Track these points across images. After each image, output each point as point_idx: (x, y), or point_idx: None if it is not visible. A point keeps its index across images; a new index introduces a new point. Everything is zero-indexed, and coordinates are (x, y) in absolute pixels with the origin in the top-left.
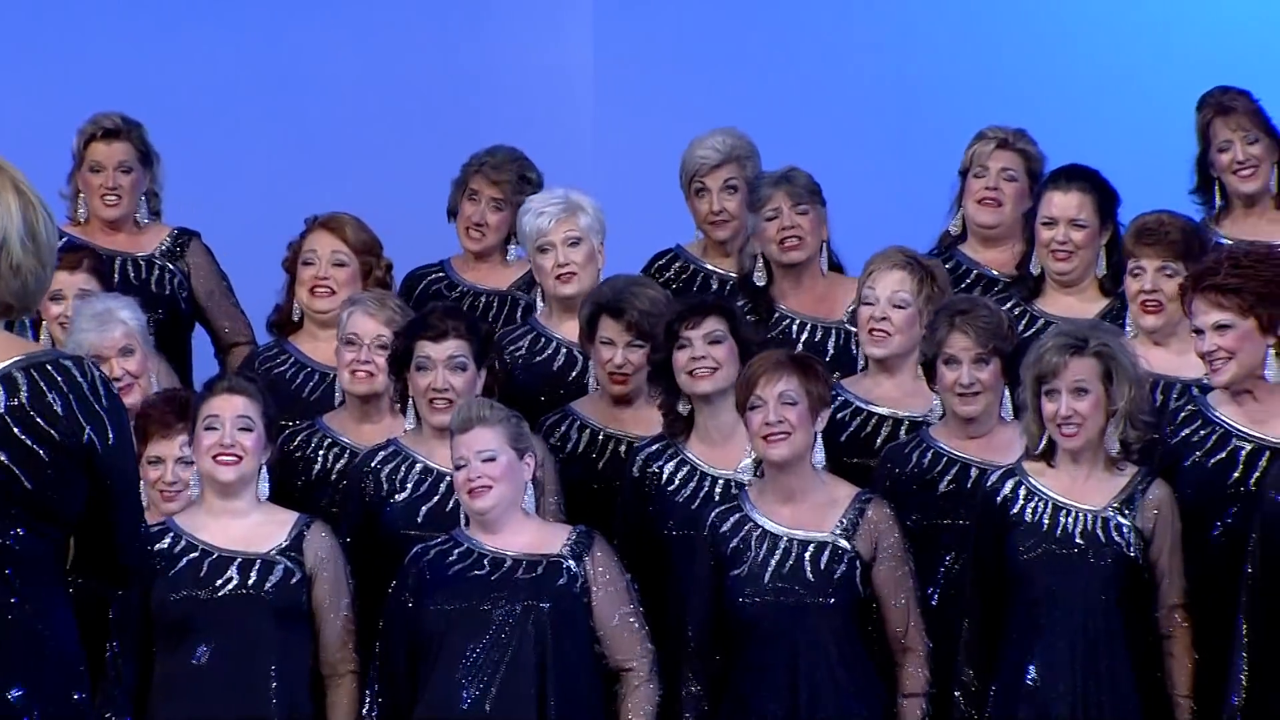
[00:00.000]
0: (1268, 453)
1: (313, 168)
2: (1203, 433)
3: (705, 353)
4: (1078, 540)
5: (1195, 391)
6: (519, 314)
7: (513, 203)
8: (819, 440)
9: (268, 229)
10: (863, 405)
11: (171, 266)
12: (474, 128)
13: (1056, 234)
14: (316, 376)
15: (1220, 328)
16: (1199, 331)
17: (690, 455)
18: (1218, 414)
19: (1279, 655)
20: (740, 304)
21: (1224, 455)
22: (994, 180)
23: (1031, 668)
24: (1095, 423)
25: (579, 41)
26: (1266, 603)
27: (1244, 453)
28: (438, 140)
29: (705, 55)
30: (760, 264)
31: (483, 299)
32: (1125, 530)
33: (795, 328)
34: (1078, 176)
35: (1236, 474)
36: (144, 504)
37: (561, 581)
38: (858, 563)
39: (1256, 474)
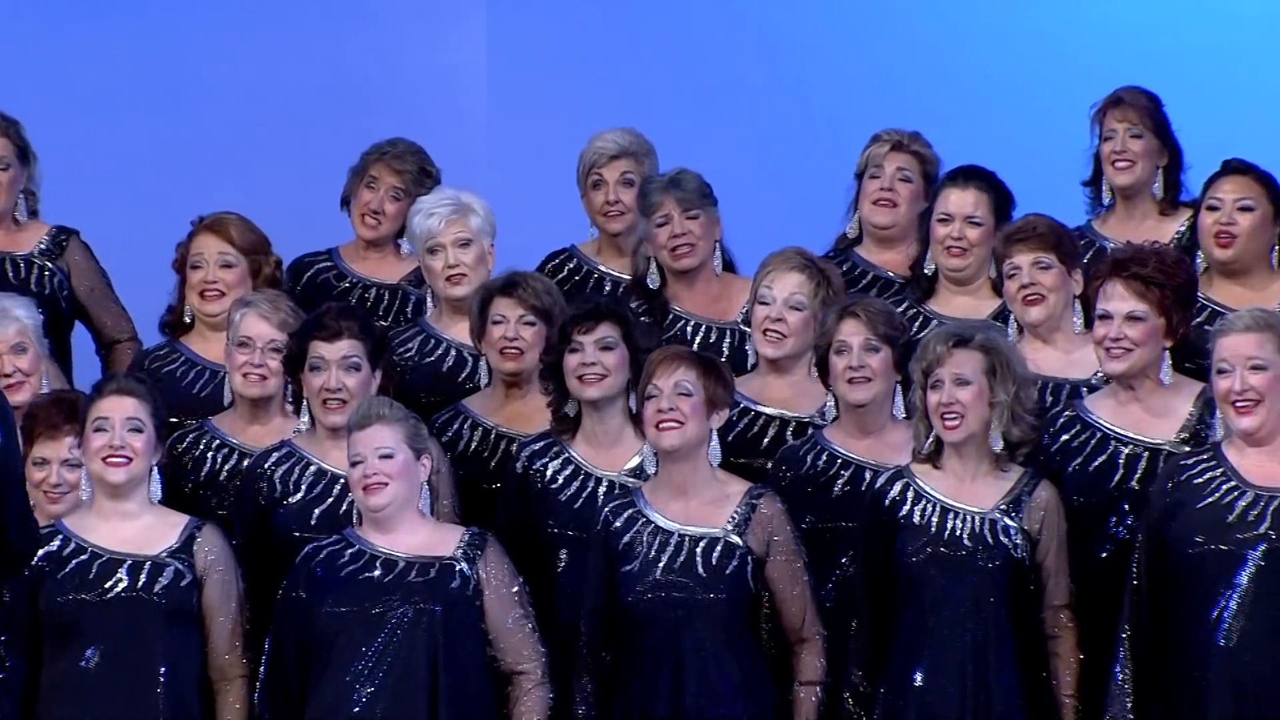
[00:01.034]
0: (1147, 454)
1: (203, 166)
2: (1082, 438)
3: (596, 359)
4: (965, 542)
5: (1080, 395)
6: (409, 309)
7: (412, 194)
8: (714, 437)
9: (158, 227)
10: (751, 405)
11: (51, 265)
12: (367, 127)
13: (952, 230)
14: (208, 375)
15: (1133, 318)
16: (1106, 316)
17: (575, 455)
18: (1096, 418)
19: (1159, 665)
20: (635, 305)
21: (1104, 459)
22: (889, 181)
23: (919, 669)
24: (977, 414)
25: (472, 41)
26: (1150, 608)
27: (1124, 455)
28: (330, 139)
29: (599, 55)
30: (654, 266)
31: (372, 291)
32: (1012, 532)
33: (690, 329)
34: (975, 175)
35: (1118, 477)
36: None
37: (454, 584)
38: (749, 558)
39: (1138, 475)
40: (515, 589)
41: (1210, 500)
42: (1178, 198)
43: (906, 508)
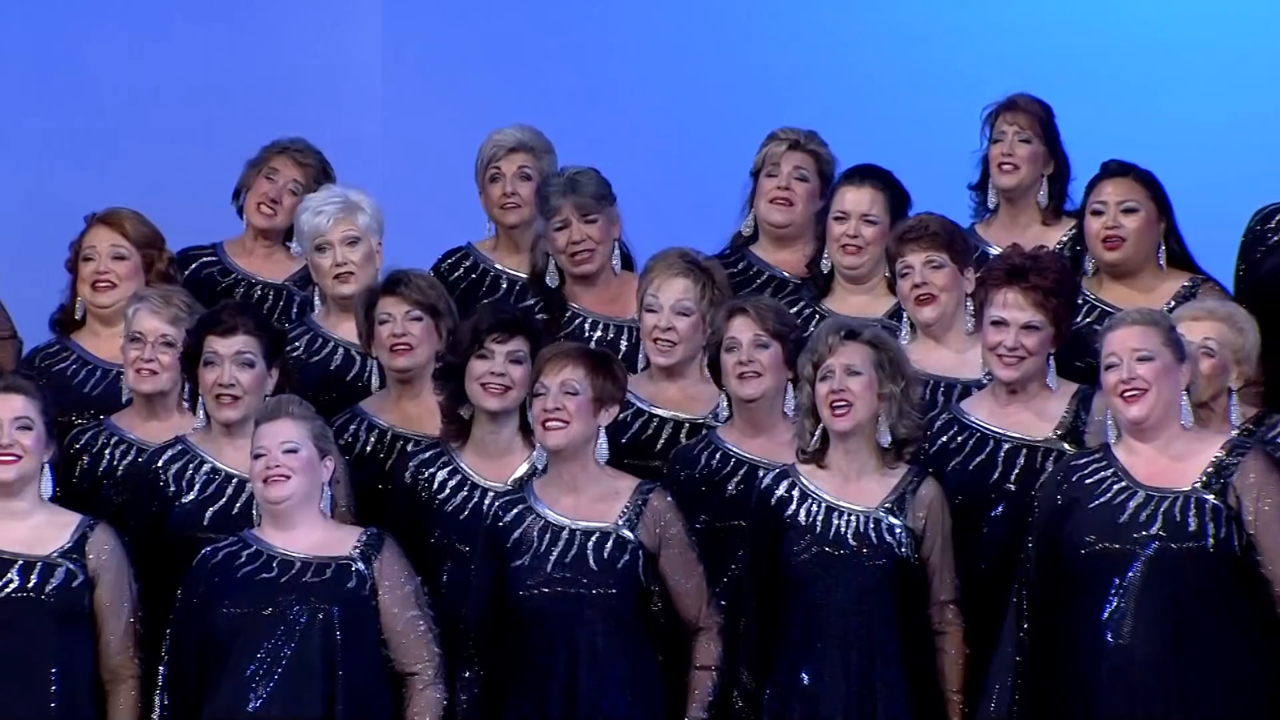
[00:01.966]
0: (1025, 451)
1: (95, 163)
2: (960, 438)
3: (505, 370)
4: (850, 542)
5: (955, 402)
6: (294, 311)
7: (310, 191)
8: (602, 435)
9: (49, 225)
10: (644, 407)
11: None
12: (262, 123)
13: (848, 229)
14: (99, 373)
15: (1029, 327)
16: (1001, 323)
17: (463, 465)
18: (973, 419)
19: (1048, 664)
20: (532, 301)
21: (983, 457)
22: (785, 180)
23: (806, 669)
24: (866, 404)
25: (367, 38)
26: (1039, 607)
27: (1003, 452)
28: (225, 136)
29: (495, 53)
30: (552, 263)
31: (257, 289)
32: (897, 530)
33: (588, 326)
34: (871, 174)
35: (997, 474)
36: None
37: (351, 584)
38: (641, 552)
39: (1016, 473)
40: (411, 589)
41: (1102, 500)
42: (1062, 207)
43: (792, 507)
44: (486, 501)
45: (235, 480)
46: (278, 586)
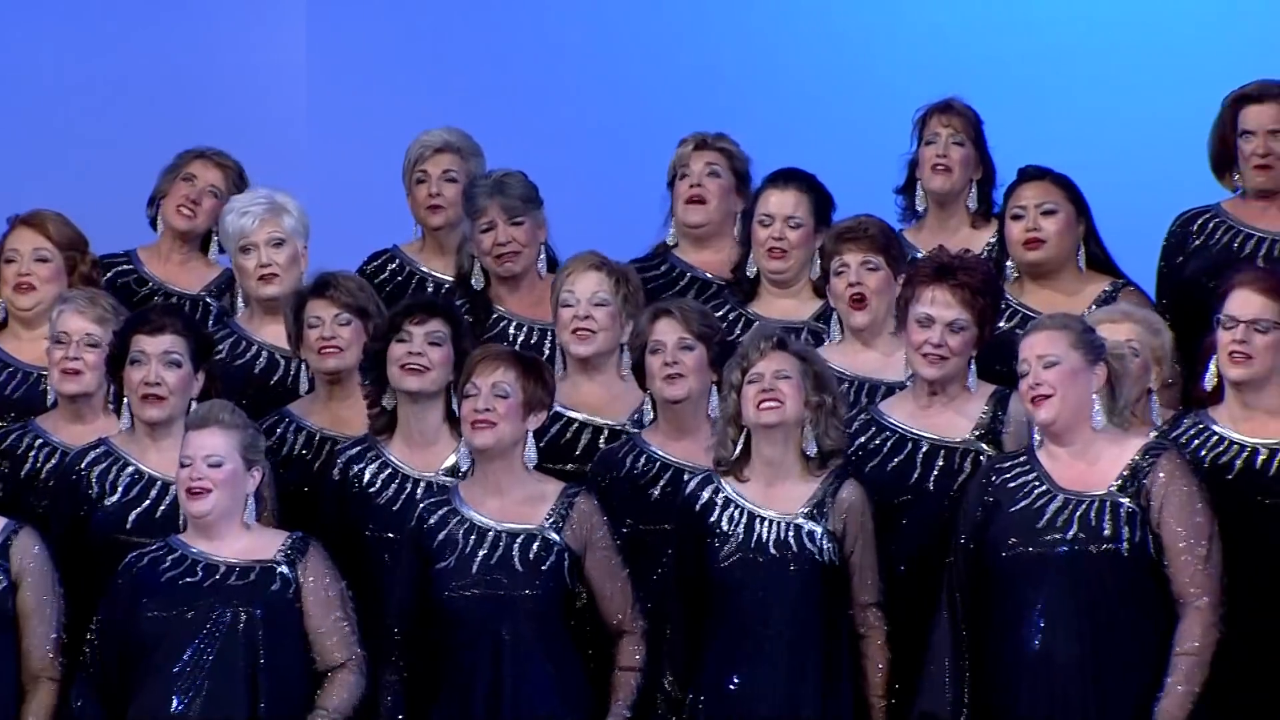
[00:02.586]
0: (943, 452)
1: (18, 165)
2: (878, 440)
3: (423, 350)
4: (772, 549)
5: (874, 404)
6: (210, 322)
7: (226, 197)
8: (530, 438)
9: None
10: (563, 411)
11: None
12: (186, 127)
13: (772, 231)
14: (20, 376)
15: (956, 326)
16: (926, 321)
17: (392, 457)
18: (891, 420)
19: (973, 665)
20: (458, 303)
21: (901, 458)
22: (698, 178)
23: (732, 675)
24: (795, 406)
25: (291, 41)
26: (964, 608)
27: (921, 453)
28: (149, 139)
29: (421, 56)
30: (478, 266)
31: (173, 300)
32: (818, 536)
33: (512, 329)
34: (794, 177)
35: (916, 475)
36: None
37: (275, 587)
38: (566, 555)
39: (935, 473)
40: (336, 592)
41: (1023, 504)
42: (990, 212)
43: (716, 513)
44: (419, 492)
45: (159, 483)
46: (201, 590)
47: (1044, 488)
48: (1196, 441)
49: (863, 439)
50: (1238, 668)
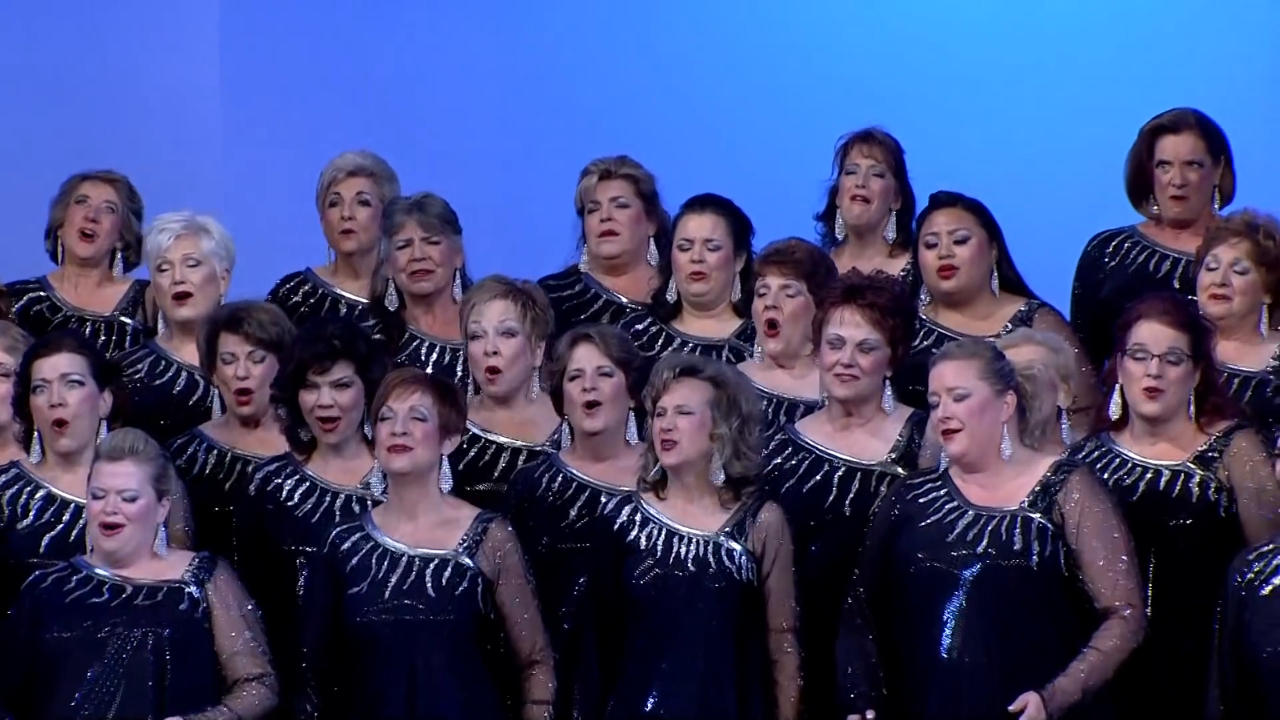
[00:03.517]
0: (860, 474)
1: None
2: (795, 460)
3: (332, 400)
4: (690, 566)
5: (789, 422)
6: (128, 341)
7: (121, 211)
8: (445, 463)
9: None
10: (480, 433)
11: None
12: (99, 151)
13: (692, 255)
14: None
15: (866, 347)
16: (836, 342)
17: (310, 472)
18: (808, 440)
19: (884, 679)
20: (370, 324)
21: (818, 479)
22: (607, 211)
23: (649, 693)
24: (695, 444)
25: (205, 64)
26: (874, 623)
27: (837, 476)
28: (62, 164)
29: (336, 78)
30: (392, 287)
31: (87, 325)
32: (737, 555)
33: (425, 350)
34: (711, 202)
35: (832, 498)
36: None
37: (183, 607)
38: (479, 580)
39: (851, 496)
40: (245, 611)
41: (934, 519)
42: (908, 240)
43: (635, 532)
44: (338, 505)
45: (72, 507)
46: (108, 610)
47: (955, 504)
48: (1100, 464)
49: (779, 459)
50: (1143, 688)
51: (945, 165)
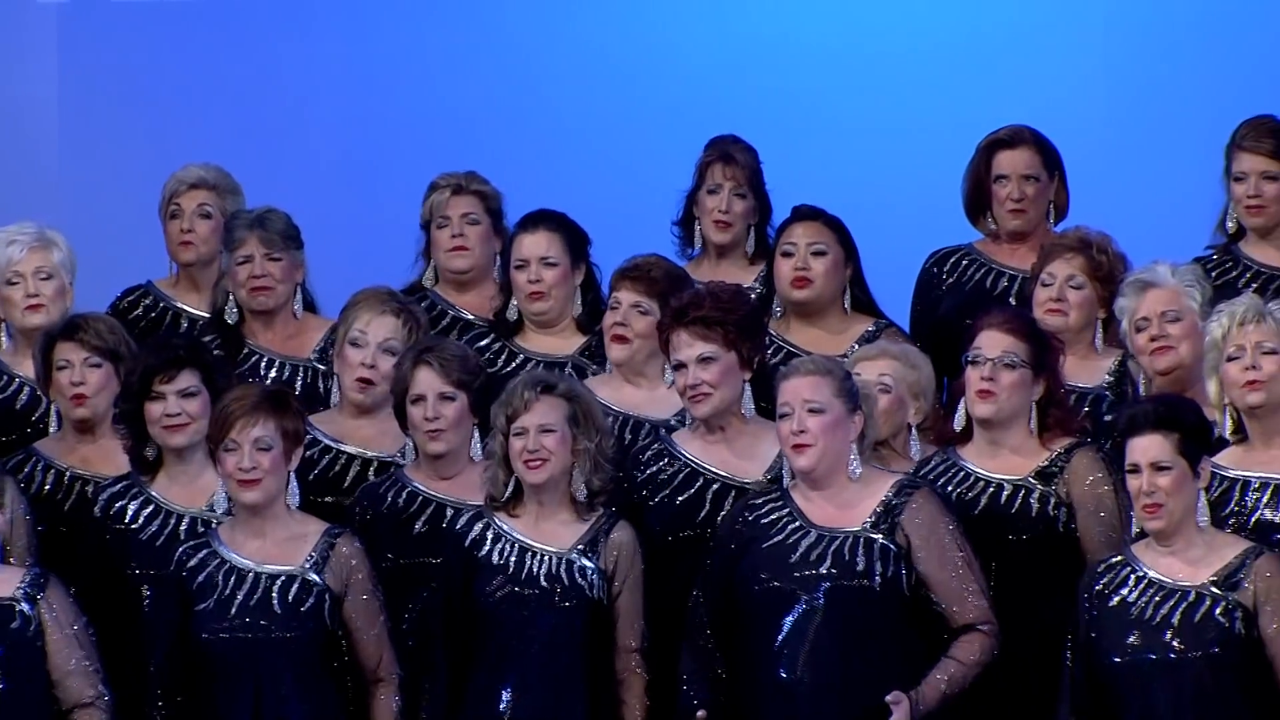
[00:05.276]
0: (734, 492)
1: None
2: (670, 471)
3: (179, 408)
4: (542, 582)
5: (663, 431)
6: None
7: None
8: (293, 479)
9: None
10: (332, 444)
11: None
12: None
13: (529, 275)
14: None
15: (705, 360)
16: (680, 366)
17: (155, 494)
18: (684, 452)
19: (726, 698)
20: (210, 339)
21: (691, 493)
22: (458, 227)
23: (499, 702)
24: (560, 460)
25: (43, 75)
26: (716, 641)
27: (712, 491)
28: None
29: (176, 90)
30: (232, 300)
31: None
32: (589, 572)
33: (264, 364)
34: (545, 219)
35: (705, 512)
36: None
37: (14, 625)
38: (327, 596)
39: (724, 512)
40: (78, 629)
41: (776, 539)
42: (765, 250)
43: (486, 547)
44: (183, 528)
45: None
46: None
47: (797, 524)
48: (944, 478)
49: (654, 469)
50: (982, 703)
51: (786, 180)
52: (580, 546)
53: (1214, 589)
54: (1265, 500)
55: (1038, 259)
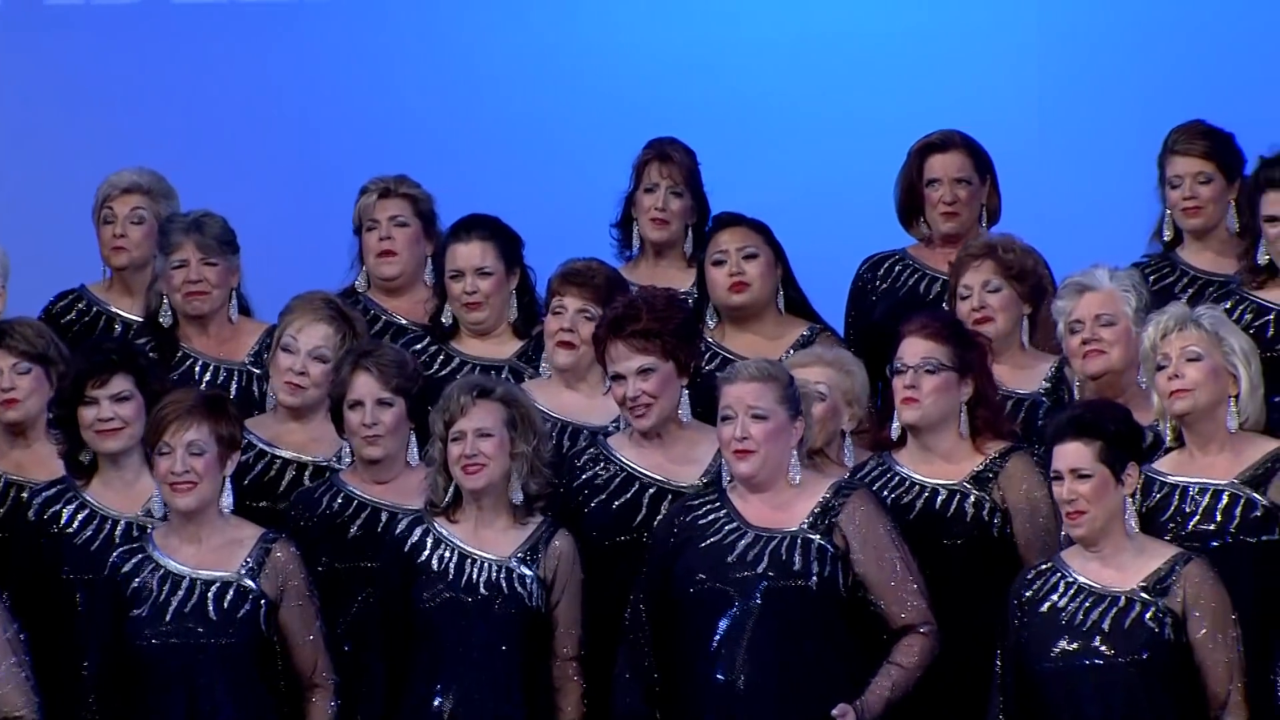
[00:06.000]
0: (671, 496)
1: None
2: (605, 476)
3: (113, 412)
4: (482, 590)
5: (600, 436)
6: None
7: None
8: (229, 484)
9: None
10: (267, 449)
11: None
12: None
13: (465, 286)
14: None
15: (644, 371)
16: (619, 377)
17: (90, 499)
18: (621, 457)
19: (662, 699)
20: (144, 342)
21: (628, 498)
22: (386, 230)
23: (436, 707)
24: (499, 465)
25: None
26: (652, 643)
27: (648, 495)
28: None
29: (111, 93)
30: (166, 303)
31: None
32: (528, 580)
33: (199, 368)
34: (477, 225)
35: (640, 518)
36: None
37: None
38: (262, 602)
39: (659, 518)
40: (9, 635)
41: (713, 539)
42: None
43: (426, 553)
44: (118, 532)
45: None
46: None
47: (735, 524)
48: (880, 483)
49: (589, 474)
50: (921, 705)
51: (724, 183)
52: (520, 555)
53: (1144, 594)
54: (1203, 506)
55: (950, 275)
